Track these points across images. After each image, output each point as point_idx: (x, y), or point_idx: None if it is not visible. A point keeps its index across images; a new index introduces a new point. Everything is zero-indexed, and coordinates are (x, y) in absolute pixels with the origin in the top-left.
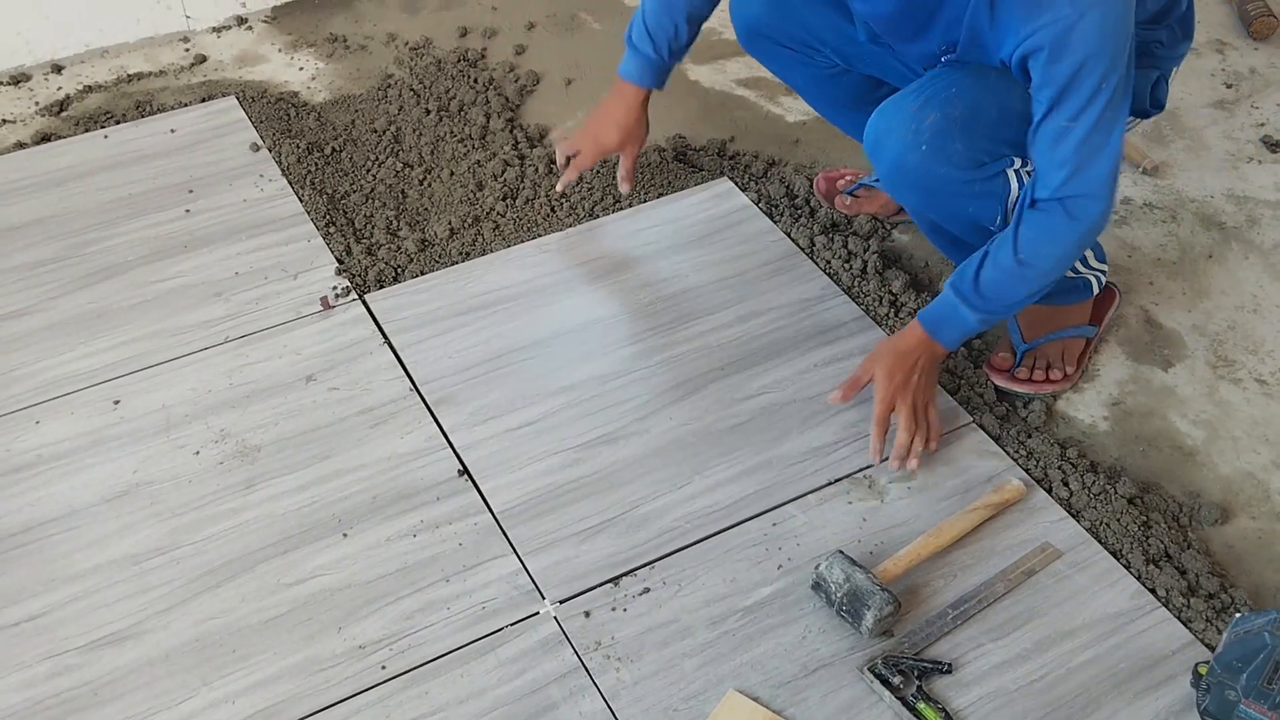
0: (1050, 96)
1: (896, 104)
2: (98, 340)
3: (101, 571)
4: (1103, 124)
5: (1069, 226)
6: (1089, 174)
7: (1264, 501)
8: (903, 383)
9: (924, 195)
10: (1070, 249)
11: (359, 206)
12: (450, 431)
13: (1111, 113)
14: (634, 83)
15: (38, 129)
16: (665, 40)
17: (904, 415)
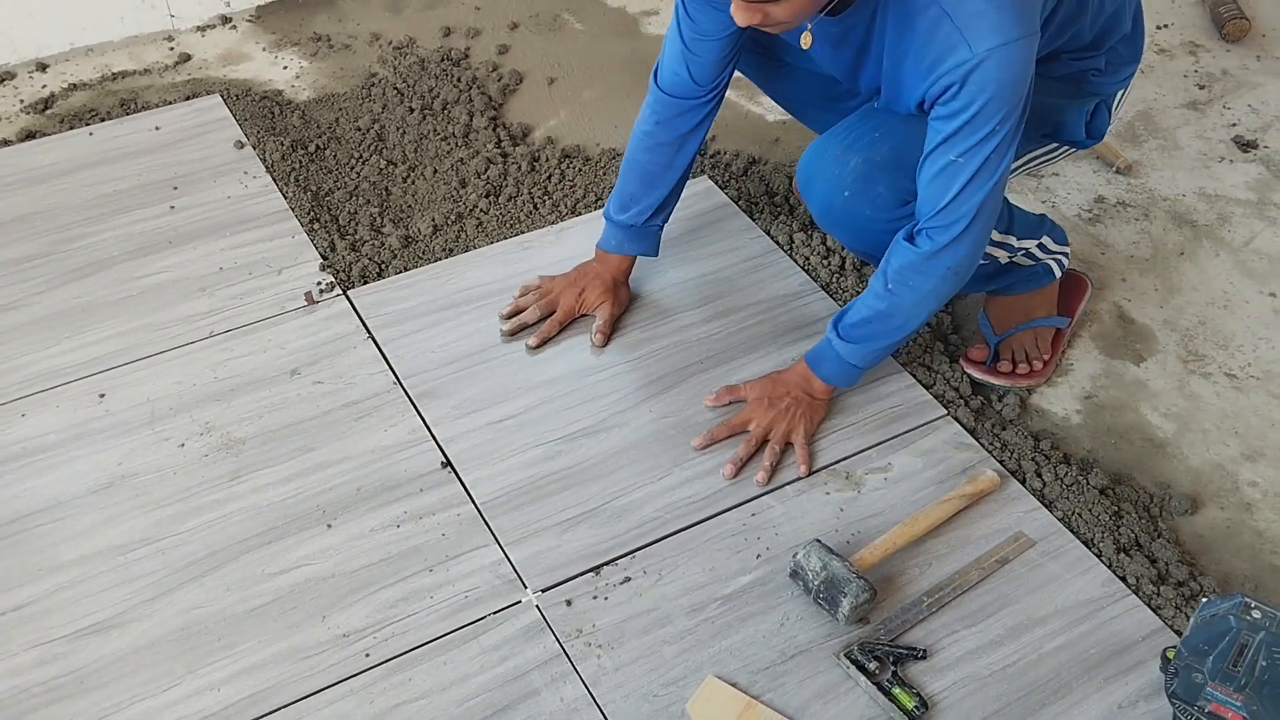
0: (945, 131)
1: (823, 147)
2: (83, 334)
3: (87, 562)
4: (988, 165)
5: (936, 260)
6: (963, 210)
7: (1233, 492)
8: (767, 406)
9: (851, 234)
10: (936, 282)
11: (343, 203)
12: (433, 424)
13: (998, 155)
14: (616, 253)
15: (23, 126)
16: (647, 208)
17: (754, 432)
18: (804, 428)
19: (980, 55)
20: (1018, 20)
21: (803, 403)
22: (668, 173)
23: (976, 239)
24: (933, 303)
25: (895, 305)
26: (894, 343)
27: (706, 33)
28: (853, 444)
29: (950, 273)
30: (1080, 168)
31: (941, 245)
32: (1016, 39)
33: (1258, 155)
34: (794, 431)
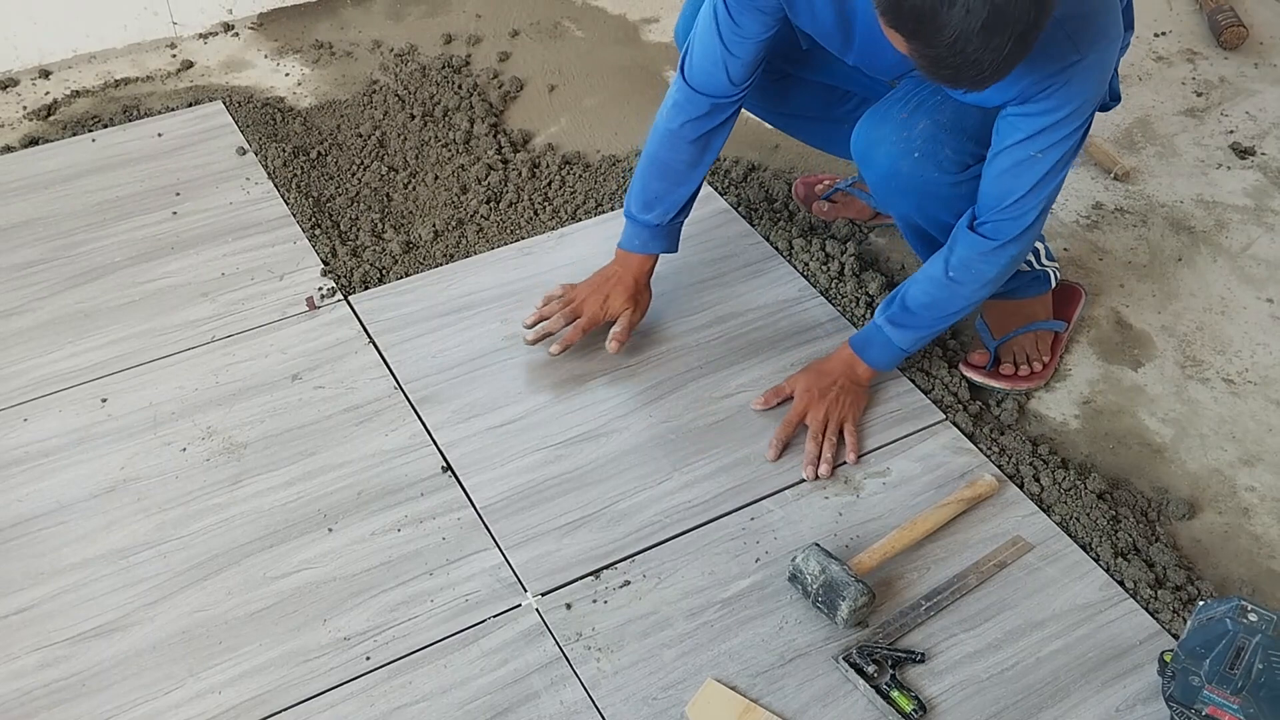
0: (1030, 129)
1: (883, 113)
2: (86, 339)
3: (89, 565)
4: (1063, 160)
5: (1002, 250)
6: (1033, 203)
7: (1230, 497)
8: (818, 397)
9: (916, 200)
10: (1000, 270)
11: (344, 209)
12: (434, 429)
13: (1072, 152)
14: (640, 252)
15: (25, 133)
16: (671, 206)
17: (813, 425)
18: (854, 414)
19: (1084, 54)
20: (1115, 21)
21: (849, 390)
22: (693, 170)
23: (1037, 232)
24: (988, 291)
25: (956, 293)
26: (941, 328)
27: (749, 34)
28: None
29: (1012, 263)
30: (1078, 174)
31: (1011, 237)
32: (1113, 40)
33: (1255, 162)
34: (846, 420)
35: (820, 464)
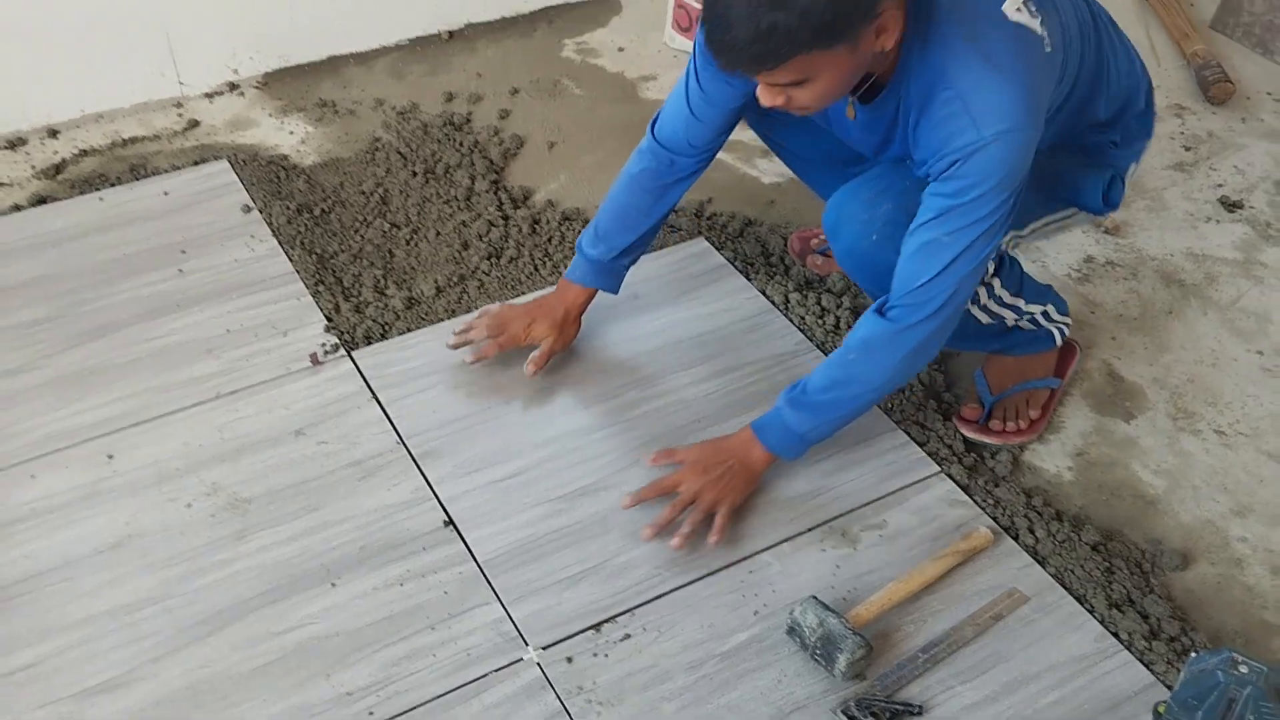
0: (939, 208)
1: (854, 190)
2: (92, 396)
3: (95, 621)
4: (972, 249)
5: (903, 334)
6: (939, 289)
7: (1223, 548)
8: (701, 472)
9: (873, 278)
10: (898, 360)
11: (347, 266)
12: (436, 483)
13: (983, 241)
14: (580, 284)
15: (34, 191)
16: (616, 246)
17: (682, 496)
18: (731, 499)
19: (985, 139)
20: (1027, 112)
21: (736, 473)
22: (644, 219)
23: (944, 322)
24: (890, 380)
25: (853, 375)
26: (843, 416)
27: (714, 102)
28: (848, 501)
29: (914, 353)
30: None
31: (911, 323)
32: (1020, 129)
33: (1244, 215)
34: (720, 501)
35: (675, 536)
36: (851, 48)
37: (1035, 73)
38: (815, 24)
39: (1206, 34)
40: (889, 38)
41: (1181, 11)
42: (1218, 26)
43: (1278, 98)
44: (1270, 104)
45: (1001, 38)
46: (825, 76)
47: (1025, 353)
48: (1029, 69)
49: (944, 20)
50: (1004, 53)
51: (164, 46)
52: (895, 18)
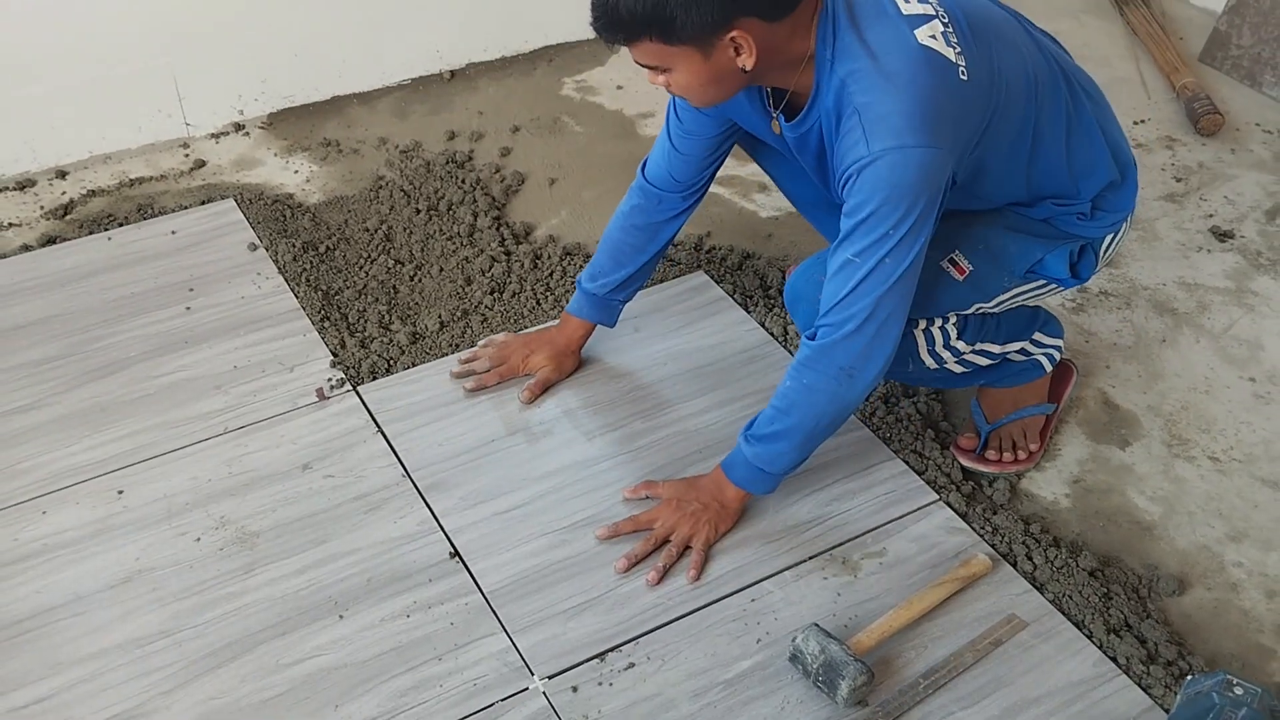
0: (845, 229)
1: (810, 271)
2: (102, 433)
3: (106, 655)
4: (882, 267)
5: (827, 356)
6: (856, 309)
7: (1219, 573)
8: (676, 508)
9: None
10: (830, 382)
11: (352, 302)
12: (441, 515)
13: (894, 259)
14: (577, 317)
15: (43, 232)
16: (611, 282)
17: (657, 531)
18: (706, 535)
19: (874, 154)
20: (920, 130)
21: (711, 510)
22: (637, 255)
23: (870, 342)
24: (829, 404)
25: (792, 403)
26: (795, 444)
27: (692, 132)
28: (848, 530)
29: (844, 373)
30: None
31: (833, 340)
32: (913, 146)
33: (1234, 245)
34: (695, 537)
35: (650, 571)
36: (703, 54)
37: (939, 92)
38: (650, 13)
39: (1196, 67)
40: (748, 59)
41: (1171, 45)
42: (1207, 60)
43: (1267, 129)
44: (1259, 135)
45: (906, 58)
46: (681, 72)
47: (1015, 384)
48: (931, 88)
49: (853, 41)
50: (904, 71)
51: (170, 89)
52: (750, 42)
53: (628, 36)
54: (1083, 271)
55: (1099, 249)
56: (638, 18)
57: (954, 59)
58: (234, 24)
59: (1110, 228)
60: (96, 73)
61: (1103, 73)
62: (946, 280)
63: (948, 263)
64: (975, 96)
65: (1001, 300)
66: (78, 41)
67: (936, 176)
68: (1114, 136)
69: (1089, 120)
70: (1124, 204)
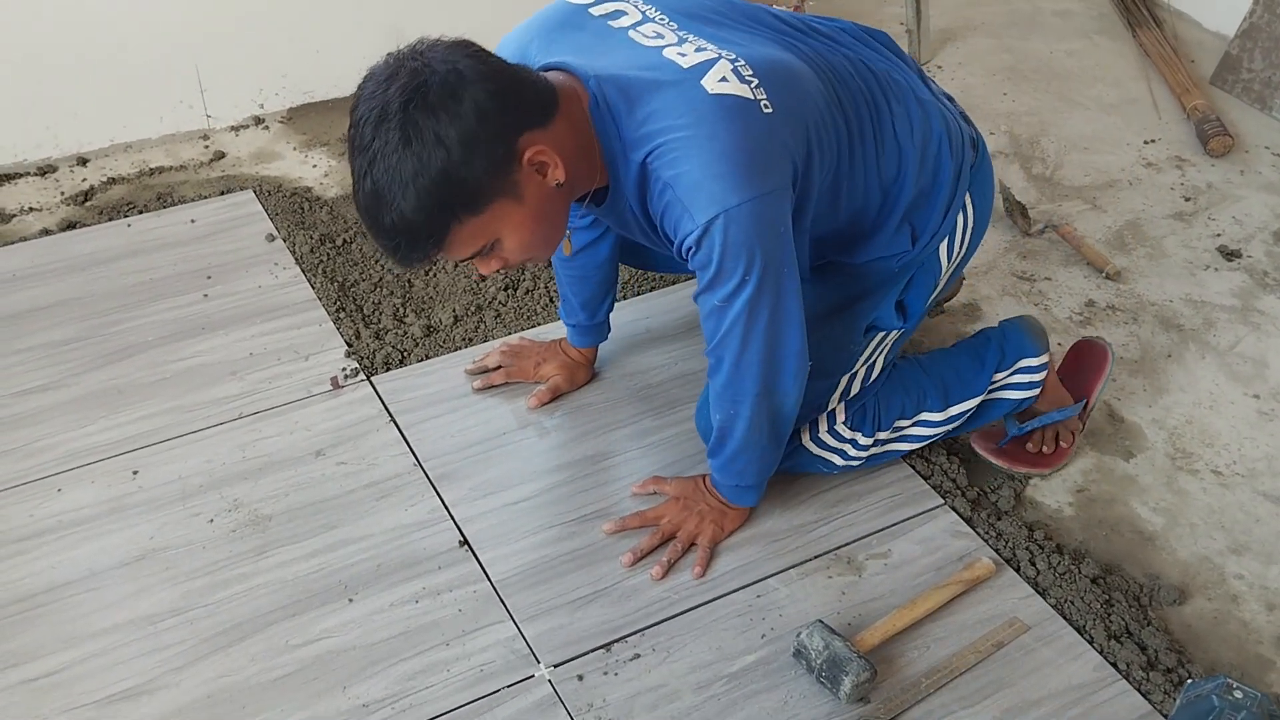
0: (702, 281)
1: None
2: (118, 414)
3: (119, 630)
4: (751, 308)
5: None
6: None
7: (1219, 584)
8: (683, 507)
9: None
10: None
11: (368, 294)
12: (451, 505)
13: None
14: (579, 347)
15: (63, 217)
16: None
17: (664, 528)
18: (711, 533)
19: (702, 225)
20: (740, 186)
21: (717, 509)
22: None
23: (767, 356)
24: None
25: (723, 426)
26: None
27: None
28: (854, 530)
29: (762, 393)
30: (1071, 273)
31: (721, 381)
32: (737, 204)
33: (1241, 264)
34: (701, 534)
35: (655, 565)
36: (514, 198)
37: (745, 138)
38: (443, 196)
39: (1207, 89)
40: (557, 171)
41: (1183, 67)
42: (1218, 82)
43: (1276, 151)
44: (1268, 157)
45: (698, 115)
46: (508, 233)
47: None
48: (737, 135)
49: (636, 124)
50: (701, 130)
51: (193, 81)
52: (549, 151)
53: (436, 239)
54: (913, 308)
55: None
56: (434, 212)
57: (752, 95)
58: (257, 19)
59: (936, 236)
60: (120, 63)
61: (1114, 93)
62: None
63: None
64: (785, 123)
65: (865, 360)
66: (102, 32)
67: (774, 218)
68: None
69: (887, 119)
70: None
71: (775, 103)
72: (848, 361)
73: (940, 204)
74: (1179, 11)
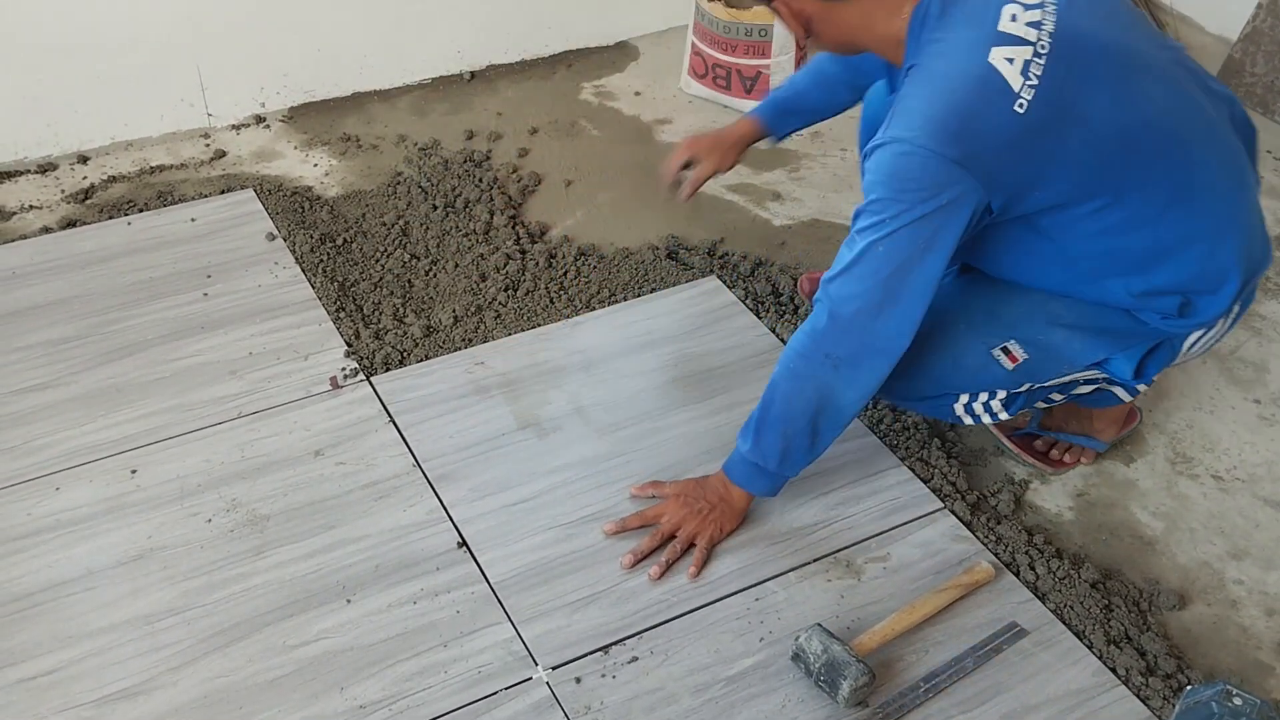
0: (859, 206)
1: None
2: (117, 413)
3: (116, 630)
4: (874, 256)
5: (811, 338)
6: (846, 289)
7: (1219, 590)
8: (683, 505)
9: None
10: (814, 370)
11: (368, 294)
12: (450, 506)
13: (887, 247)
14: (756, 117)
15: (63, 215)
16: (782, 108)
17: (664, 527)
18: (711, 533)
19: (886, 140)
20: (935, 135)
21: (718, 509)
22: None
23: (848, 328)
24: (814, 392)
25: (776, 391)
26: (785, 435)
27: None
28: (853, 534)
29: (829, 361)
30: None
31: (819, 321)
32: (921, 145)
33: None
34: (700, 535)
35: (654, 565)
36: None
37: (976, 115)
38: None
39: None
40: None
41: None
42: None
43: (1278, 156)
44: (1270, 162)
45: (960, 67)
46: (825, 27)
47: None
48: (969, 104)
49: (929, 40)
50: (949, 77)
51: (194, 79)
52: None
53: None
54: (1148, 372)
55: (1179, 345)
56: None
57: (1017, 89)
58: (258, 17)
59: (1199, 326)
60: (121, 61)
61: None
62: (995, 367)
63: (1000, 350)
64: (1026, 134)
65: (1055, 383)
66: (104, 29)
67: (946, 188)
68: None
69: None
70: (1216, 309)
71: (1033, 109)
72: (1048, 373)
73: (1222, 287)
74: (1182, 15)
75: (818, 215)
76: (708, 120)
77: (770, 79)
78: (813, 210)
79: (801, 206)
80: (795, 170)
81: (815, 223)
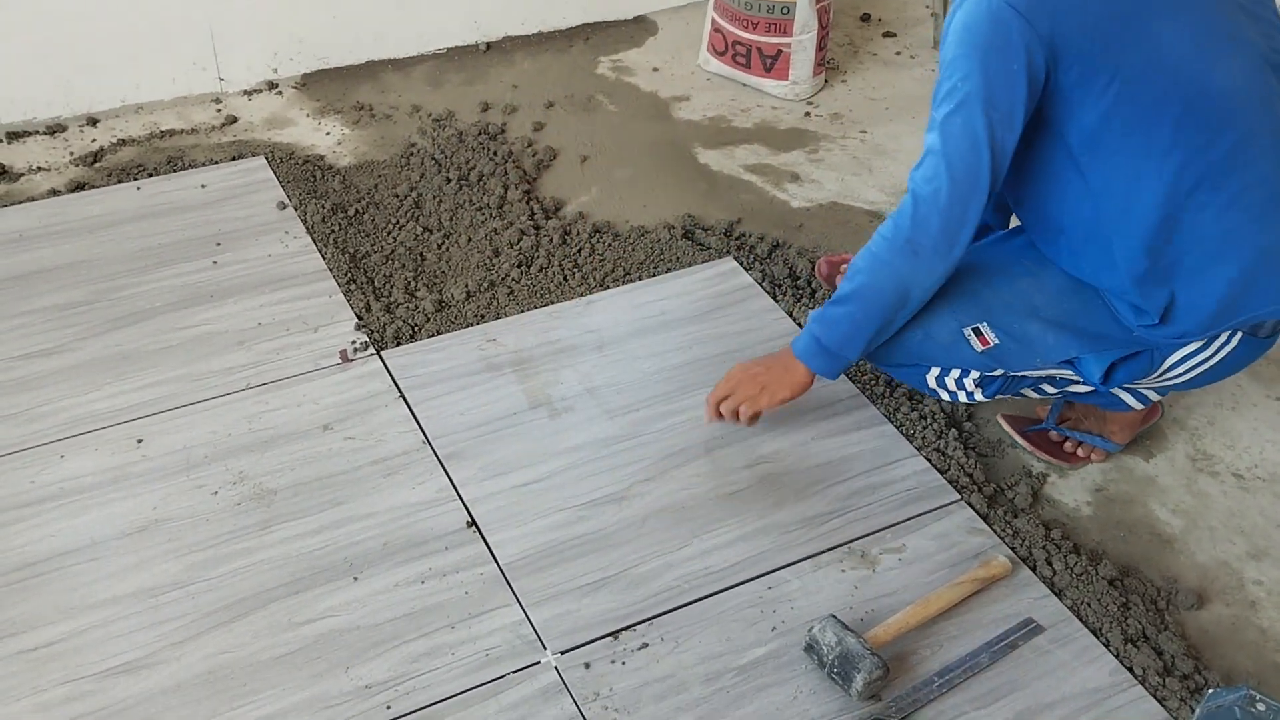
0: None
1: None
2: (123, 381)
3: (119, 602)
4: (947, 123)
5: (894, 225)
6: (926, 172)
7: (1238, 590)
8: (742, 369)
9: None
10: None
11: (379, 266)
12: (460, 484)
13: (960, 114)
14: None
15: (71, 178)
16: None
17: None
18: (765, 400)
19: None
20: None
21: (775, 372)
22: None
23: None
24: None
25: (857, 268)
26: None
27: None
28: (868, 524)
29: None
30: None
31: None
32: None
33: None
34: (756, 398)
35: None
36: None
37: None
38: None
39: None
40: None
41: None
42: None
43: None
44: None
45: None
46: None
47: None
48: None
49: None
50: None
51: (206, 43)
52: None
53: None
54: (1116, 378)
55: (1159, 360)
56: None
57: None
58: None
59: (1180, 341)
60: (133, 22)
61: None
62: (964, 346)
63: (971, 331)
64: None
65: (1027, 375)
66: None
67: (1010, 35)
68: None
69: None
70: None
71: None
72: (1019, 364)
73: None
74: None
75: (836, 198)
76: (726, 98)
77: (791, 57)
78: (831, 193)
79: (820, 189)
80: (814, 152)
81: (834, 205)
